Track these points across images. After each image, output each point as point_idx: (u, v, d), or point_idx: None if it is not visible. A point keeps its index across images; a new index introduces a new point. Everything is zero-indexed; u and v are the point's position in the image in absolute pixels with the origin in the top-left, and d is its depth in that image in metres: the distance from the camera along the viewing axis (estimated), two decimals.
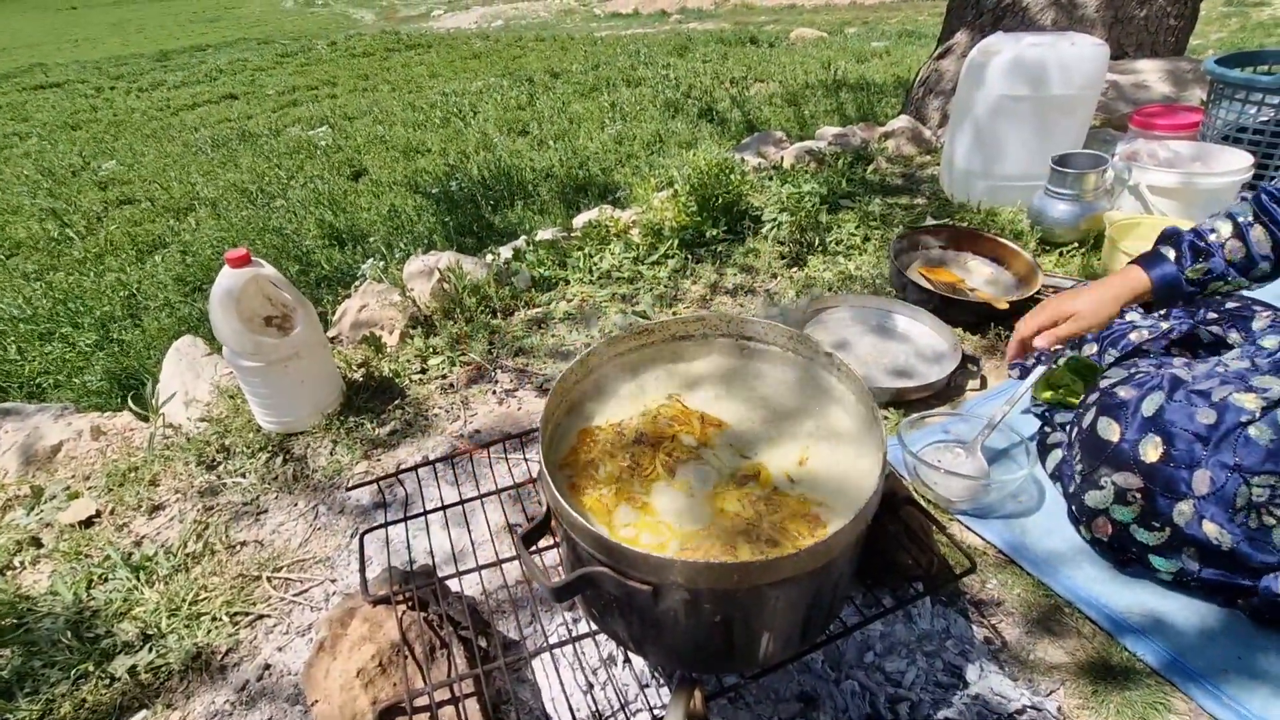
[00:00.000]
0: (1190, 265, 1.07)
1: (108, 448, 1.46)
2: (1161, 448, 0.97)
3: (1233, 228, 1.07)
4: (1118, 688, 0.89)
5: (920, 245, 1.83)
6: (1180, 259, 1.08)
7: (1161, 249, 1.11)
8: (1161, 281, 1.08)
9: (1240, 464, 0.92)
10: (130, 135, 4.84)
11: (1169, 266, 1.08)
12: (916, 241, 1.82)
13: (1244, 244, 1.05)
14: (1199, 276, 1.07)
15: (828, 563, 0.70)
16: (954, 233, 1.83)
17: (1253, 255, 1.06)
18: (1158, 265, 1.09)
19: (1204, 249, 1.07)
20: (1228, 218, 1.09)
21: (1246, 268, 1.07)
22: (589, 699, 0.90)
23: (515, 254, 1.97)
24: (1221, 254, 1.06)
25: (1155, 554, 0.99)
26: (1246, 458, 0.92)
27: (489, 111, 4.53)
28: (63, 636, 1.03)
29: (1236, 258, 1.06)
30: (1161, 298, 1.10)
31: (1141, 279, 1.09)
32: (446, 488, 1.24)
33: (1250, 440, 0.92)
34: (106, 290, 2.59)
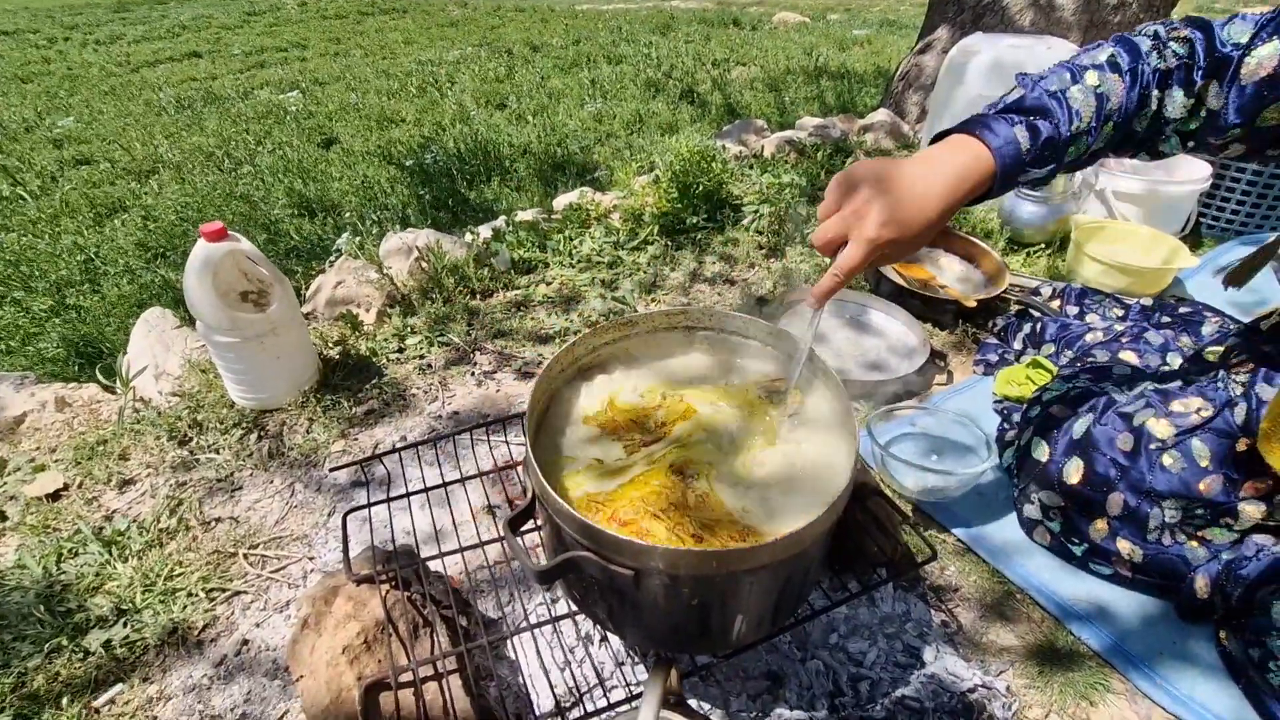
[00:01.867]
0: (1038, 167, 0.78)
1: (74, 419, 1.43)
2: (1082, 470, 1.04)
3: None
4: (1062, 669, 0.96)
5: None
6: (1033, 143, 0.76)
7: (1017, 130, 0.75)
8: (1006, 171, 0.75)
9: (1153, 489, 0.98)
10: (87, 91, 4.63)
11: (1014, 148, 0.75)
12: None
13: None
14: (1035, 174, 0.80)
15: (800, 551, 0.74)
16: None
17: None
18: (1001, 138, 0.75)
19: (1056, 143, 0.77)
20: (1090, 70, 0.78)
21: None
22: (566, 675, 0.93)
23: (495, 234, 1.96)
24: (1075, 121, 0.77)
25: (1089, 560, 1.06)
26: (1158, 484, 0.98)
27: (466, 83, 4.44)
28: (34, 610, 1.02)
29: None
30: (997, 193, 0.79)
31: (984, 163, 0.75)
32: (426, 469, 1.25)
33: (1164, 468, 0.98)
34: (63, 254, 2.50)
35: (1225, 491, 0.96)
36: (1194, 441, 1.00)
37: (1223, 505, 0.96)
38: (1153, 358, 1.35)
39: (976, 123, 0.77)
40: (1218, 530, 0.98)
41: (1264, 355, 1.05)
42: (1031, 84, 0.79)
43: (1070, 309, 1.61)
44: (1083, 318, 1.57)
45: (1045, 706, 0.92)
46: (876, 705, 0.91)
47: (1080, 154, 0.79)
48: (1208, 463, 0.97)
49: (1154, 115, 0.78)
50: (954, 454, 1.26)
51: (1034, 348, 1.50)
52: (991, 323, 1.63)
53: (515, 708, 0.90)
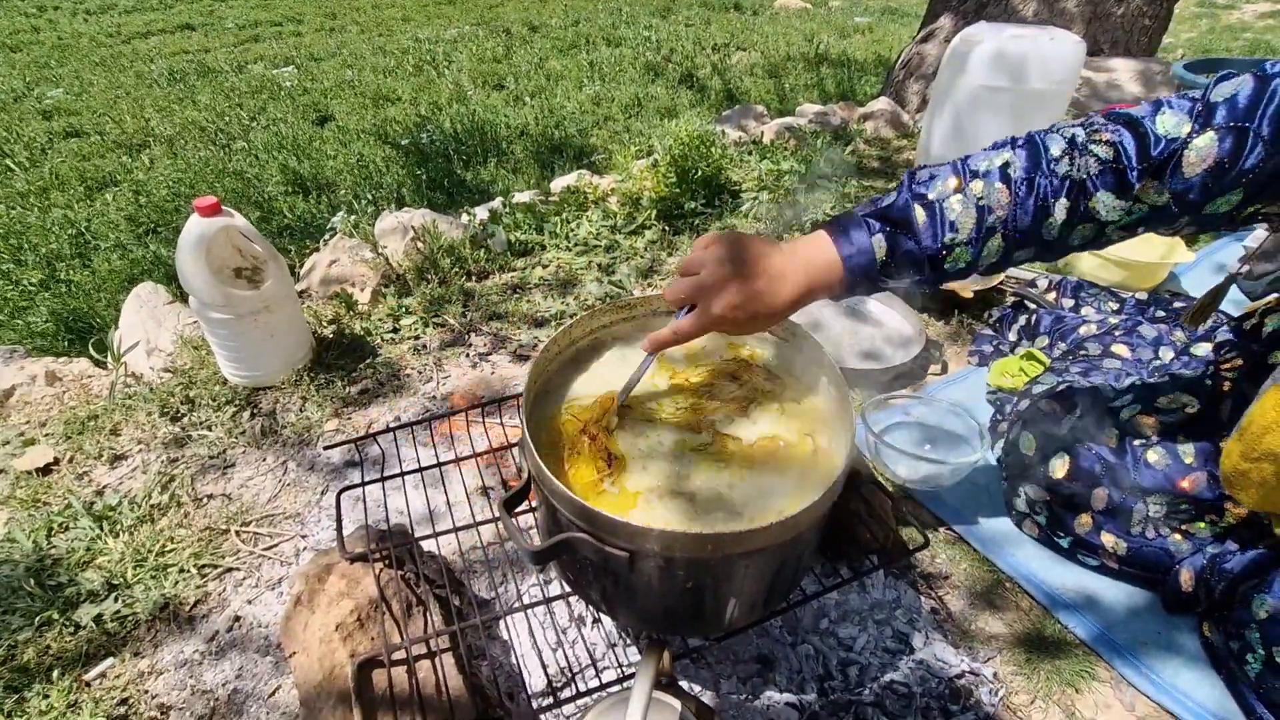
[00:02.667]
0: (893, 279, 0.77)
1: (64, 394, 1.41)
2: (1067, 466, 1.04)
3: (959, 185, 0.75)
4: (1049, 657, 0.97)
5: None
6: (890, 255, 0.75)
7: (874, 240, 0.74)
8: (852, 278, 0.75)
9: (1137, 484, 0.99)
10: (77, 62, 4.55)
11: (870, 263, 0.74)
12: None
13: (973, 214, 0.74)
14: (894, 284, 0.77)
15: (795, 536, 0.74)
16: None
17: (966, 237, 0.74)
18: (859, 258, 0.74)
19: (920, 261, 0.75)
20: (960, 172, 0.76)
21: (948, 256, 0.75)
22: (559, 656, 0.94)
23: (492, 215, 1.94)
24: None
25: (1076, 552, 1.07)
26: (1143, 480, 0.99)
27: (463, 62, 4.39)
28: (24, 584, 1.02)
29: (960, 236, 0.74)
30: (843, 294, 0.78)
31: (835, 269, 0.75)
32: (420, 449, 1.25)
33: (1149, 464, 0.99)
34: (53, 227, 2.47)
35: (1209, 488, 0.96)
36: (1180, 438, 1.00)
37: (1207, 501, 0.97)
38: (1145, 351, 1.35)
39: (839, 225, 0.77)
40: (1201, 525, 0.99)
41: (1251, 353, 1.05)
42: (908, 187, 0.77)
43: (1066, 301, 1.61)
44: (1078, 310, 1.58)
45: (1031, 693, 0.93)
46: (865, 690, 0.92)
47: (970, 265, 0.76)
48: (1192, 459, 0.98)
49: (1071, 223, 0.73)
50: (947, 443, 1.27)
51: (1029, 339, 1.51)
52: (987, 314, 1.63)
53: (507, 686, 0.91)
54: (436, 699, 0.76)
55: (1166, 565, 0.99)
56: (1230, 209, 0.71)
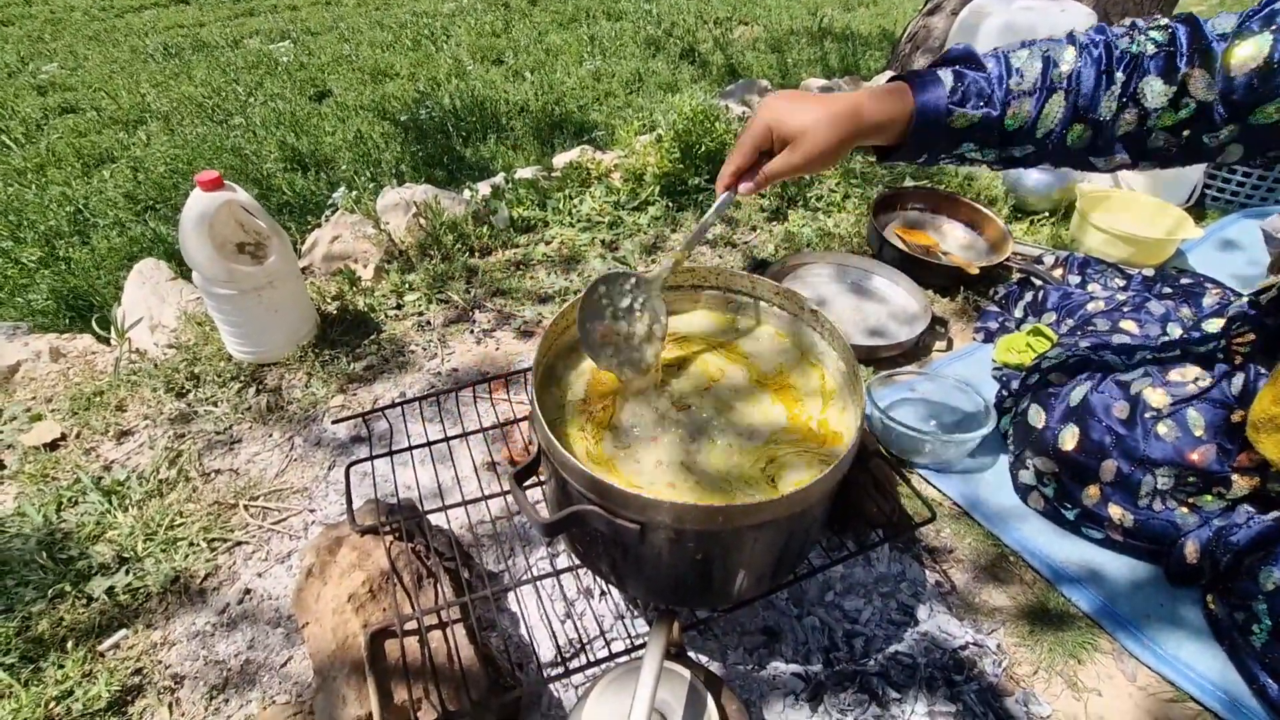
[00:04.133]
0: (964, 108, 0.75)
1: (69, 370, 1.41)
2: (1077, 438, 1.04)
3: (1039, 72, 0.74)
4: (1052, 629, 0.98)
5: (899, 206, 1.86)
6: (955, 91, 0.74)
7: (941, 72, 0.75)
8: (923, 115, 0.74)
9: (1147, 456, 0.99)
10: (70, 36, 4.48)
11: (940, 96, 0.74)
12: (895, 202, 1.85)
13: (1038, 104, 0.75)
14: (964, 125, 0.76)
15: (804, 509, 0.75)
16: (932, 196, 1.86)
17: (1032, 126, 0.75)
18: (930, 89, 0.75)
19: (988, 94, 0.74)
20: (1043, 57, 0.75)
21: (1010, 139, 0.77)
22: (568, 627, 0.95)
23: (494, 192, 1.92)
24: (1004, 110, 0.75)
25: (1081, 524, 1.07)
26: (1152, 452, 0.99)
27: (462, 36, 4.32)
28: (36, 557, 1.02)
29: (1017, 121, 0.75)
30: (915, 141, 0.77)
31: (902, 104, 0.75)
32: (427, 424, 1.25)
33: (1158, 437, 0.99)
34: (50, 204, 2.45)
35: (1218, 461, 0.97)
36: (1189, 411, 1.00)
37: (1215, 474, 0.97)
38: (1153, 328, 1.35)
39: (909, 73, 0.77)
40: (1209, 498, 1.00)
41: (1265, 328, 1.05)
42: (965, 45, 0.79)
43: (1072, 278, 1.61)
44: (1084, 287, 1.57)
45: (1034, 664, 0.94)
46: (870, 660, 0.93)
47: (1030, 129, 0.75)
48: (1202, 432, 0.98)
49: (1124, 104, 0.73)
50: (953, 419, 1.27)
51: (1035, 316, 1.50)
52: (993, 290, 1.63)
53: (518, 657, 0.92)
54: (449, 668, 0.77)
55: (1172, 538, 1.00)
56: (1275, 121, 0.70)
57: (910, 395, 1.33)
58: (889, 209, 1.84)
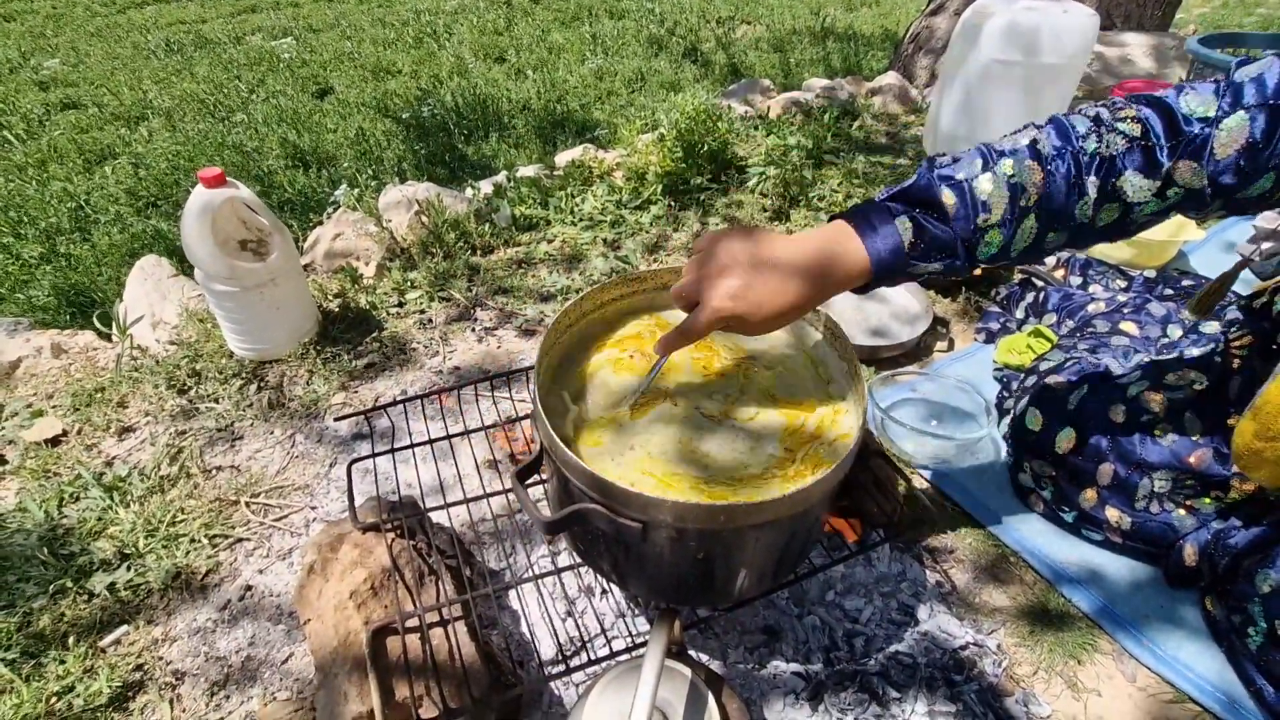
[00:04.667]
0: (925, 263, 0.72)
1: (70, 366, 1.41)
2: (1074, 441, 1.04)
3: (996, 187, 0.70)
4: (1052, 629, 0.98)
5: None
6: (915, 246, 0.70)
7: (899, 221, 0.71)
8: (880, 270, 0.71)
9: (1144, 460, 0.99)
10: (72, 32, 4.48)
11: (896, 249, 0.70)
12: None
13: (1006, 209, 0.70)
14: (925, 273, 0.73)
15: (807, 508, 0.75)
16: None
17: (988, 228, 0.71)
18: (884, 243, 0.70)
19: (950, 245, 0.71)
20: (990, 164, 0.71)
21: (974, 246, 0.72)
22: (569, 625, 0.95)
23: (496, 190, 1.92)
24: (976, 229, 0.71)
25: (1080, 526, 1.07)
26: (1149, 455, 0.99)
27: (464, 34, 4.33)
28: (37, 553, 1.02)
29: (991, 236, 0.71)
30: (876, 285, 0.74)
31: (858, 265, 0.70)
32: (429, 422, 1.25)
33: (1155, 440, 0.99)
34: (52, 200, 2.46)
35: (1216, 464, 0.97)
36: (1187, 414, 1.01)
37: (1213, 478, 0.98)
38: (1153, 329, 1.35)
39: (859, 213, 0.72)
40: (1207, 501, 1.00)
41: (1261, 331, 1.05)
42: (930, 170, 0.73)
43: (1074, 279, 1.61)
44: (1086, 288, 1.57)
45: (1034, 664, 0.94)
46: (870, 660, 0.93)
47: (1003, 250, 0.71)
48: (1199, 435, 0.98)
49: (1100, 203, 0.71)
50: (954, 419, 1.27)
51: (1036, 317, 1.50)
52: (995, 291, 1.63)
53: (519, 654, 0.92)
54: (450, 666, 0.77)
55: (1170, 540, 1.00)
56: (1262, 193, 0.69)
57: (911, 395, 1.33)
58: None
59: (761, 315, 0.70)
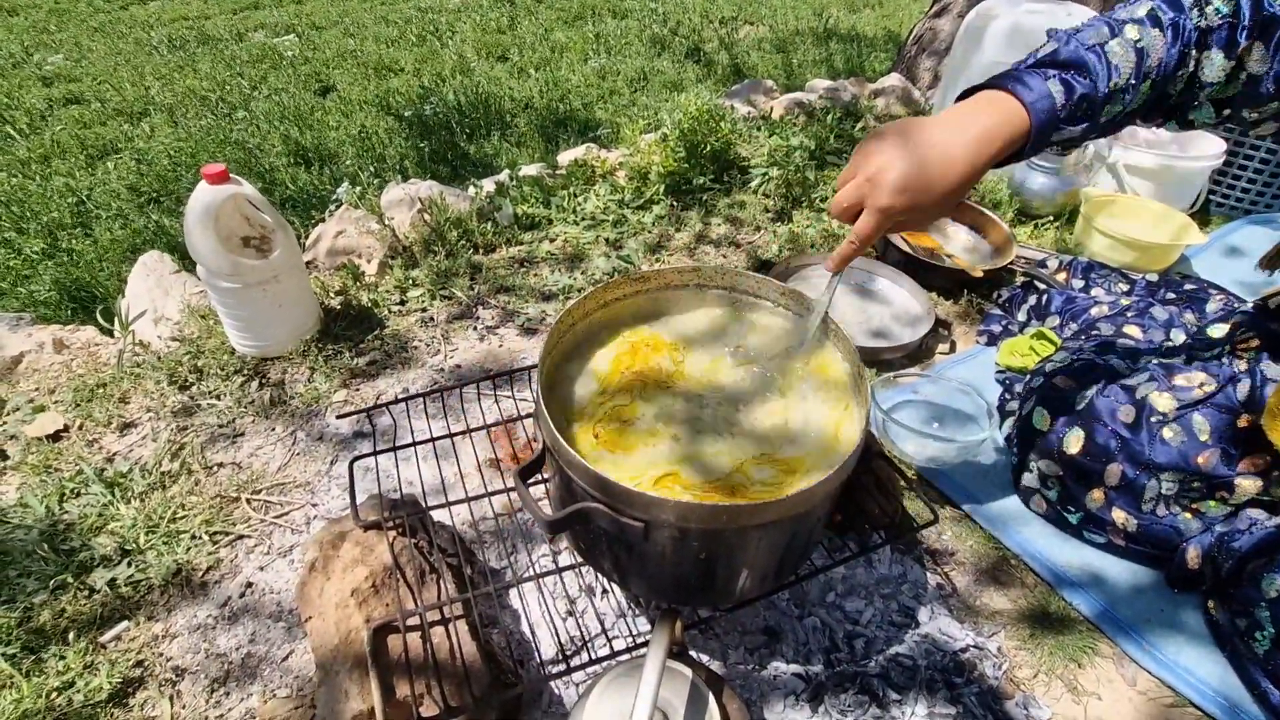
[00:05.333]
0: (1072, 126, 0.73)
1: (72, 361, 1.41)
2: (1082, 441, 1.04)
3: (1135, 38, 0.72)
4: (1053, 632, 0.98)
5: None
6: (1065, 108, 0.72)
7: (1051, 84, 0.71)
8: (1038, 137, 0.72)
9: (1152, 461, 0.99)
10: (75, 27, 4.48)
11: (1052, 112, 0.71)
12: None
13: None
14: (1065, 138, 0.75)
15: (808, 509, 0.75)
16: None
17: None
18: (1042, 107, 0.71)
19: (1093, 107, 0.72)
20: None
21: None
22: (569, 624, 0.95)
23: (499, 188, 1.92)
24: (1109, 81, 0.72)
25: (1084, 528, 1.07)
26: (1158, 456, 0.99)
27: (467, 32, 4.32)
28: (38, 548, 1.02)
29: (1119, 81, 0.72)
30: (1019, 156, 0.75)
31: (1019, 128, 0.71)
32: (430, 420, 1.25)
33: (1164, 441, 0.99)
34: (54, 195, 2.46)
35: (1223, 466, 0.97)
36: (1195, 416, 1.01)
37: (1220, 479, 0.98)
38: (1156, 333, 1.35)
39: (1009, 77, 0.73)
40: (1212, 503, 1.00)
41: (1271, 333, 1.05)
42: (1067, 37, 0.75)
43: (1076, 282, 1.61)
44: (1088, 291, 1.57)
45: (1035, 667, 0.94)
46: (870, 662, 0.93)
47: (1115, 115, 0.75)
48: (1207, 437, 0.99)
49: (1189, 77, 0.74)
50: (955, 422, 1.27)
51: (1038, 320, 1.50)
52: (997, 293, 1.63)
53: (519, 654, 0.92)
54: (451, 664, 0.77)
55: (1174, 543, 1.00)
56: None
57: (913, 397, 1.33)
58: None
59: (933, 199, 0.71)
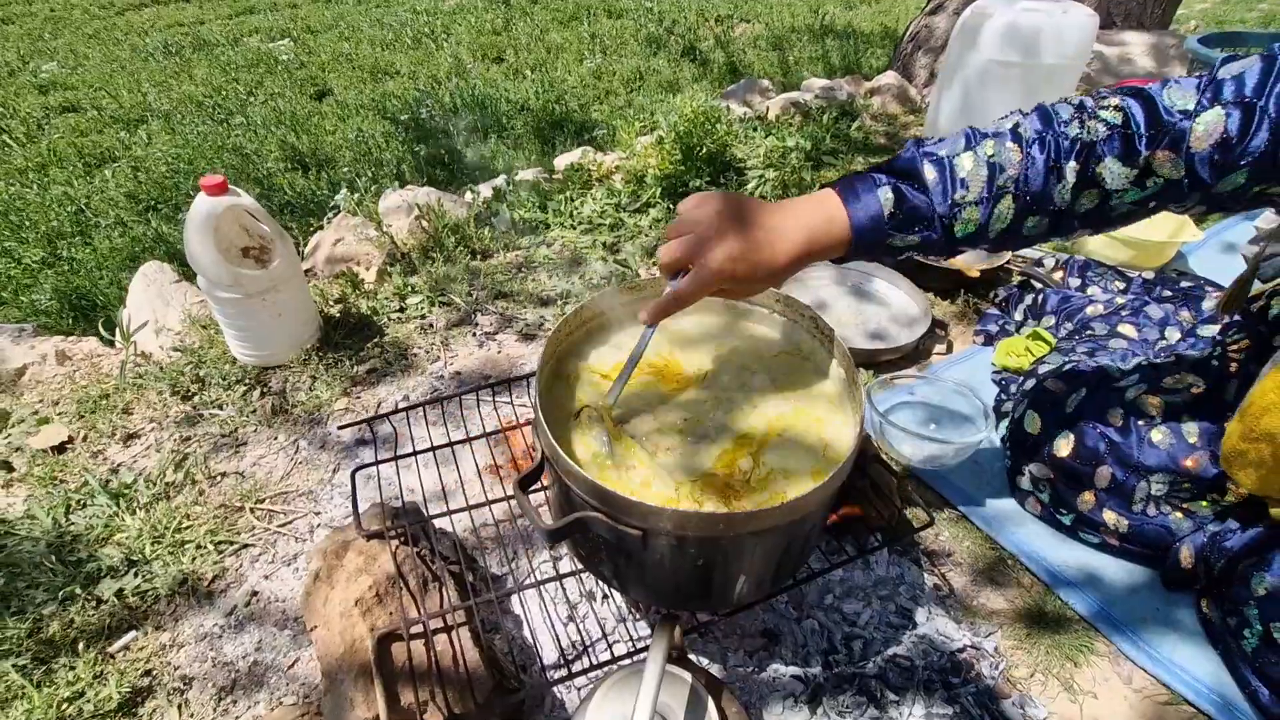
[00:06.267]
0: (903, 234, 0.74)
1: (75, 373, 1.42)
2: (1072, 444, 1.05)
3: (982, 169, 0.72)
4: (1050, 632, 0.99)
5: None
6: (894, 217, 0.72)
7: (881, 191, 0.73)
8: (860, 239, 0.73)
9: (1141, 463, 1.00)
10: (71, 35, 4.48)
11: (877, 218, 0.72)
12: None
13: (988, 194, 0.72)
14: (904, 246, 0.76)
15: (804, 515, 0.76)
16: None
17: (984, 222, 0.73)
18: (865, 209, 0.73)
19: (928, 217, 0.73)
20: (976, 145, 0.73)
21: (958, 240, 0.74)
22: (570, 630, 0.96)
23: (496, 193, 1.93)
24: (958, 211, 0.73)
25: (1078, 529, 1.08)
26: (1146, 459, 1.00)
27: (462, 35, 4.33)
28: (45, 560, 1.04)
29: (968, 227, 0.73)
30: (854, 256, 0.77)
31: (840, 229, 0.73)
32: (430, 428, 1.26)
33: (1153, 444, 1.00)
34: (52, 204, 2.46)
35: (1212, 467, 0.98)
36: (1184, 418, 1.02)
37: (1209, 480, 0.99)
38: (1151, 332, 1.36)
39: (845, 182, 0.75)
40: (1203, 504, 1.01)
41: (1258, 335, 1.06)
42: (914, 146, 0.75)
43: (1072, 281, 1.61)
44: (1084, 290, 1.58)
45: (1031, 666, 0.96)
46: (869, 663, 0.94)
47: (980, 231, 0.74)
48: (1196, 439, 0.99)
49: (1079, 188, 0.72)
50: (952, 423, 1.28)
51: (1035, 319, 1.51)
52: (993, 293, 1.64)
53: (521, 659, 0.93)
54: (454, 671, 0.78)
55: (1167, 543, 1.01)
56: (1236, 189, 0.71)
57: (910, 399, 1.34)
58: None
59: (758, 276, 0.73)
